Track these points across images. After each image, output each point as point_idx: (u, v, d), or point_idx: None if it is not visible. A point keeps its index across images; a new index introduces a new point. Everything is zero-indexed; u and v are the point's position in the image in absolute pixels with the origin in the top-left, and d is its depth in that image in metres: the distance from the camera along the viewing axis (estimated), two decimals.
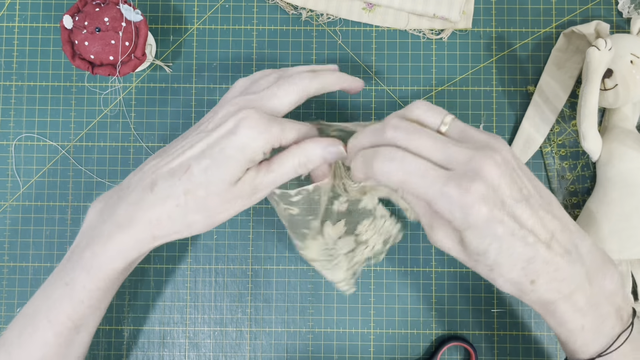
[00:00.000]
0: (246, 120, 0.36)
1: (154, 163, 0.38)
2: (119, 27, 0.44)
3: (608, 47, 0.43)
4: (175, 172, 0.36)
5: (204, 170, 0.36)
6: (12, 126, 0.50)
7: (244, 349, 0.49)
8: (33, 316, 0.38)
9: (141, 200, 0.36)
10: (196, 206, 0.36)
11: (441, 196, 0.32)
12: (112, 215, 0.37)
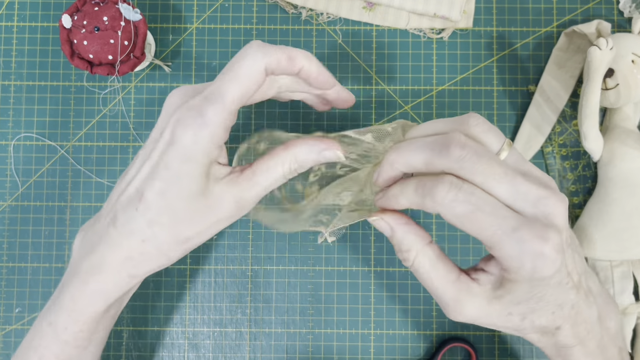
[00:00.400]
0: (179, 120, 0.31)
1: (116, 188, 0.34)
2: (118, 27, 0.44)
3: (609, 47, 0.43)
4: (131, 200, 0.32)
5: (158, 194, 0.31)
6: (11, 126, 0.50)
7: (243, 350, 0.48)
8: (27, 349, 0.36)
9: (107, 237, 0.33)
10: (167, 235, 0.32)
11: (510, 240, 0.28)
12: (88, 254, 0.34)
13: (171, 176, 0.31)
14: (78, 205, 0.49)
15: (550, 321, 0.31)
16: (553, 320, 0.31)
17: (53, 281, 0.49)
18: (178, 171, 0.31)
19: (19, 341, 0.48)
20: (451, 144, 0.29)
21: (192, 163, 0.31)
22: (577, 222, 0.47)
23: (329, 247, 0.49)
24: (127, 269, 0.33)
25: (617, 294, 0.46)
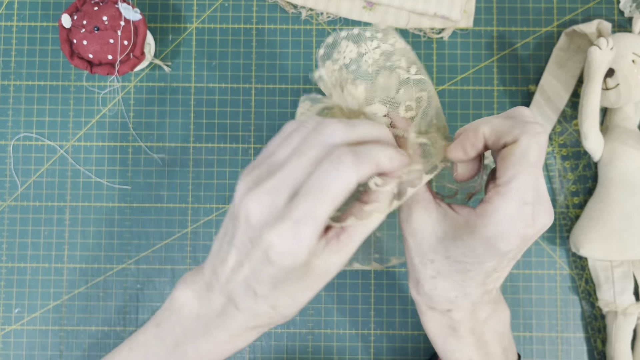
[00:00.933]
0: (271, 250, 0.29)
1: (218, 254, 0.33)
2: (118, 26, 0.44)
3: (610, 47, 0.43)
4: (247, 292, 0.32)
5: (271, 288, 0.31)
6: (11, 126, 0.50)
7: (243, 350, 0.48)
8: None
9: (229, 316, 0.33)
10: (290, 308, 0.33)
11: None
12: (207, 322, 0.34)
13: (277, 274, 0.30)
14: (77, 205, 0.49)
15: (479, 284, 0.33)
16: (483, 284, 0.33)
17: (52, 281, 0.49)
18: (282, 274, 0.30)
19: (18, 341, 0.48)
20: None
21: (294, 271, 0.30)
22: (577, 222, 0.47)
23: None
24: (257, 331, 0.34)
25: (618, 294, 0.46)
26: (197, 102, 0.50)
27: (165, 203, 0.49)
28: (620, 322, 0.46)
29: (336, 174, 0.28)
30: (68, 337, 0.49)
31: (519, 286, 0.48)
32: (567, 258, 0.49)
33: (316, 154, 0.29)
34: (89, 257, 0.49)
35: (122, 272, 0.49)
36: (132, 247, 0.49)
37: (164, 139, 0.50)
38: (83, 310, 0.49)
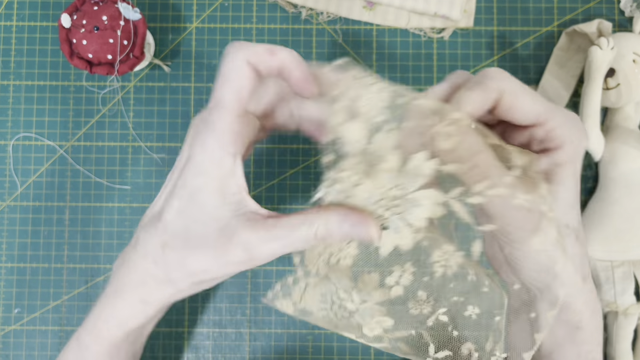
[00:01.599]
0: (192, 134, 0.30)
1: (146, 211, 0.34)
2: (118, 26, 0.44)
3: (610, 46, 0.42)
4: (151, 221, 0.32)
5: (177, 213, 0.30)
6: (10, 126, 0.50)
7: (243, 351, 0.48)
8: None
9: (128, 259, 0.33)
10: (176, 260, 0.30)
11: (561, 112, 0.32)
12: (112, 277, 0.34)
13: (187, 194, 0.30)
14: (77, 206, 0.49)
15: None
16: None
17: (52, 281, 0.49)
18: (192, 187, 0.30)
19: (18, 341, 0.48)
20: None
21: (203, 176, 0.30)
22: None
23: None
24: (140, 294, 0.32)
25: (618, 294, 0.46)
26: (197, 102, 0.50)
27: None
28: (621, 322, 0.46)
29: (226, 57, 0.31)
30: (68, 337, 0.48)
31: None
32: None
33: None
34: (89, 257, 0.49)
35: None
36: None
37: (164, 139, 0.49)
38: (83, 310, 0.49)
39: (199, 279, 0.31)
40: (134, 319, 0.34)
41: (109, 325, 0.34)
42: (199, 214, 0.30)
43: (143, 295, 0.32)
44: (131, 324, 0.34)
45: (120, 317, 0.34)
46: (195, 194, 0.30)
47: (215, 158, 0.29)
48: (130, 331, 0.34)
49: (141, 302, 0.33)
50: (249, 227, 0.29)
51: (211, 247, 0.29)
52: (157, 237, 0.31)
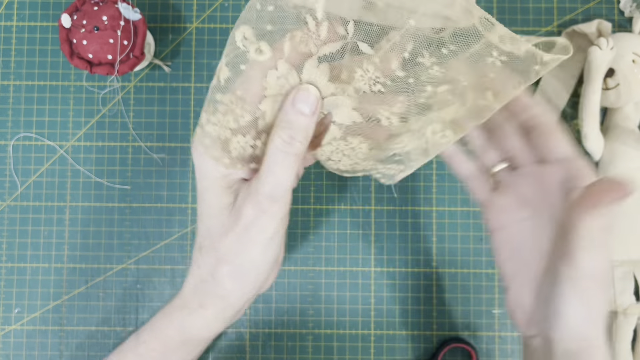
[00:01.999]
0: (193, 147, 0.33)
1: None
2: (118, 26, 0.44)
3: (610, 47, 0.43)
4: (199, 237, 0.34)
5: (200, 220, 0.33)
6: (10, 126, 0.50)
7: (243, 350, 0.48)
8: (117, 353, 0.38)
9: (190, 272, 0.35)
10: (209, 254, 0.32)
11: None
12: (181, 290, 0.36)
13: (200, 198, 0.33)
14: (77, 205, 0.49)
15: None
16: None
17: (52, 281, 0.49)
18: (201, 191, 0.33)
19: (18, 341, 0.48)
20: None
21: (206, 179, 0.32)
22: None
23: (329, 247, 0.49)
24: (198, 297, 0.34)
25: (618, 294, 0.46)
26: (197, 103, 0.50)
27: (165, 203, 0.49)
28: (621, 322, 0.46)
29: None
30: (68, 337, 0.49)
31: None
32: None
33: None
34: (89, 257, 0.49)
35: (121, 272, 0.49)
36: (131, 247, 0.49)
37: (164, 139, 0.49)
38: (83, 310, 0.49)
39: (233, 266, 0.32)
40: (193, 326, 0.34)
41: (170, 329, 0.35)
42: (211, 209, 0.32)
43: (200, 300, 0.34)
44: (192, 330, 0.35)
45: (183, 322, 0.35)
46: (203, 195, 0.32)
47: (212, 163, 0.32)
48: (189, 337, 0.35)
49: (201, 307, 0.34)
50: (245, 188, 0.32)
51: (229, 225, 0.31)
52: (196, 245, 0.34)
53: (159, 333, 0.35)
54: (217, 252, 0.32)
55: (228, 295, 0.33)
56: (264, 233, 0.31)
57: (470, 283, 0.49)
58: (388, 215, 0.49)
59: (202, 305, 0.34)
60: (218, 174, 0.32)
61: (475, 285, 0.49)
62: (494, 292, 0.48)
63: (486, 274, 0.49)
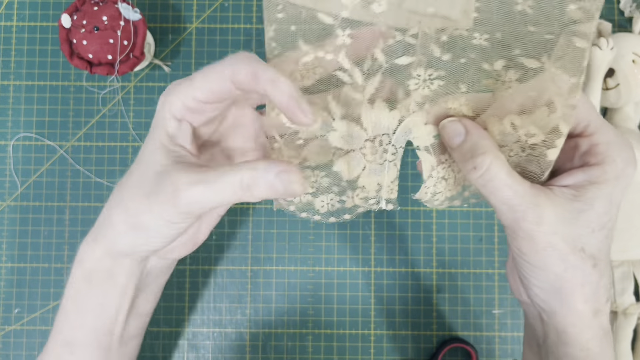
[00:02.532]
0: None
1: None
2: (118, 26, 0.44)
3: (610, 47, 0.43)
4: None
5: (137, 159, 0.33)
6: (10, 126, 0.50)
7: (243, 351, 0.48)
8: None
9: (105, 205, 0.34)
10: (121, 209, 0.31)
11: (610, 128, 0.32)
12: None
13: (144, 144, 0.32)
14: (77, 205, 0.49)
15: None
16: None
17: (52, 281, 0.49)
18: (147, 139, 0.32)
19: (18, 341, 0.48)
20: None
21: (154, 129, 0.31)
22: None
23: (329, 247, 0.49)
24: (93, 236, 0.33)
25: (618, 294, 0.46)
26: None
27: None
28: (621, 322, 0.46)
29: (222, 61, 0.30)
30: None
31: None
32: None
33: None
34: None
35: None
36: None
37: None
38: None
39: (134, 220, 0.31)
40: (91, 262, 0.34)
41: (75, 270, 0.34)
42: (144, 158, 0.31)
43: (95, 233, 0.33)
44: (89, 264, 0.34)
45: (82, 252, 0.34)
46: (146, 145, 0.32)
47: (162, 115, 0.31)
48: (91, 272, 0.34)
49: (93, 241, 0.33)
50: (181, 169, 0.30)
51: (146, 185, 0.30)
52: (121, 181, 0.32)
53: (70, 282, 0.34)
54: (124, 195, 0.31)
55: (118, 235, 0.32)
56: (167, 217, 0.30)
57: (470, 283, 0.49)
58: (388, 215, 0.49)
59: (95, 240, 0.33)
60: (165, 130, 0.31)
61: (475, 285, 0.49)
62: (494, 292, 0.48)
63: (486, 274, 0.49)
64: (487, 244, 0.49)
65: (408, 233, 0.49)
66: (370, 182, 0.33)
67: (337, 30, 0.30)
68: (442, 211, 0.49)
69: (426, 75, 0.30)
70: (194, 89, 0.30)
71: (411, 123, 0.31)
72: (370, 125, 0.32)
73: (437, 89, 0.31)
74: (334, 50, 0.30)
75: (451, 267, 0.49)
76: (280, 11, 0.29)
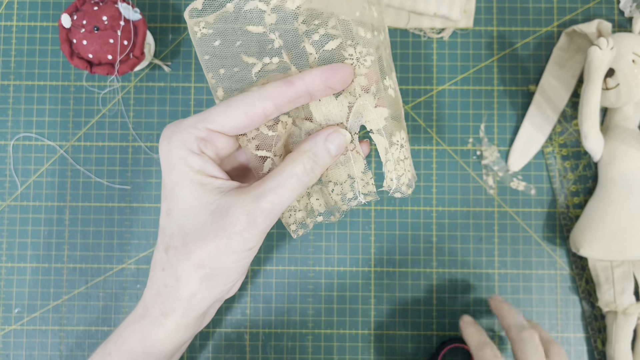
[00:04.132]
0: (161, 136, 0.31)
1: None
2: (118, 26, 0.44)
3: (610, 46, 0.42)
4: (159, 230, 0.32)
5: (167, 215, 0.31)
6: (10, 126, 0.50)
7: (243, 351, 0.48)
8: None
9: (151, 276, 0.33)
10: (180, 257, 0.30)
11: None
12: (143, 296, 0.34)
13: (168, 194, 0.30)
14: (77, 206, 0.49)
15: None
16: None
17: (52, 281, 0.49)
18: (170, 186, 0.30)
19: (18, 341, 0.48)
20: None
21: (174, 172, 0.30)
22: (577, 223, 0.47)
23: (329, 247, 0.49)
24: (159, 306, 0.32)
25: (618, 294, 0.46)
26: (197, 103, 0.50)
27: None
28: (621, 322, 0.46)
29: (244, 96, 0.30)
30: (68, 337, 0.49)
31: (519, 286, 0.48)
32: (567, 258, 0.49)
33: None
34: (89, 257, 0.49)
35: (122, 272, 0.49)
36: (132, 247, 0.49)
37: None
38: (83, 310, 0.49)
39: (206, 271, 0.30)
40: (154, 337, 0.33)
41: (133, 340, 0.33)
42: (186, 207, 0.30)
43: (162, 307, 0.32)
44: (153, 341, 0.33)
45: (145, 332, 0.33)
46: (174, 191, 0.30)
47: (180, 155, 0.30)
48: (151, 350, 0.33)
49: (162, 315, 0.32)
50: (239, 194, 0.29)
51: (211, 229, 0.29)
52: (160, 245, 0.31)
53: (122, 345, 0.34)
54: (190, 254, 0.30)
55: (191, 297, 0.31)
56: (247, 245, 0.29)
57: (470, 283, 0.49)
58: (388, 215, 0.49)
59: (163, 313, 0.32)
60: (190, 167, 0.30)
61: (476, 285, 0.49)
62: (494, 292, 0.49)
63: (486, 274, 0.49)
64: (487, 244, 0.49)
65: (408, 233, 0.49)
66: (338, 175, 0.33)
67: (270, 35, 0.31)
68: (442, 211, 0.49)
69: (357, 53, 0.31)
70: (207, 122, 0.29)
71: (361, 108, 0.32)
72: (323, 118, 0.32)
73: (371, 65, 0.32)
74: (276, 54, 0.31)
75: (451, 267, 0.49)
76: (214, 40, 0.31)
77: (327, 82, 0.30)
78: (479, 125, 0.49)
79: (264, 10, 0.30)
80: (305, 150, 0.30)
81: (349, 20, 0.31)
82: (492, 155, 0.49)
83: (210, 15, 0.30)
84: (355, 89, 0.32)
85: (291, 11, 0.30)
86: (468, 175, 0.49)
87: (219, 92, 0.32)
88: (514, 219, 0.49)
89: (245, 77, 0.31)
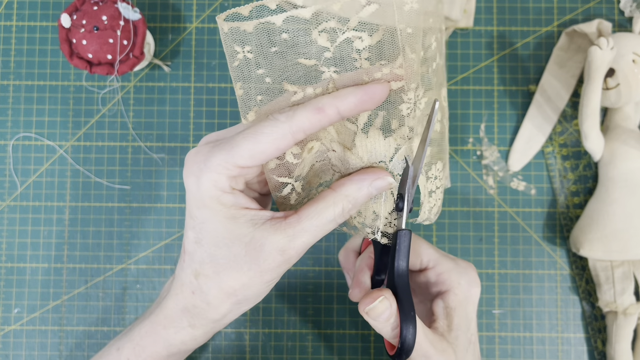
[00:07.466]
0: (185, 167, 0.30)
1: None
2: (117, 26, 0.44)
3: (610, 46, 0.42)
4: (181, 254, 0.33)
5: (195, 243, 0.31)
6: (10, 126, 0.50)
7: (243, 351, 0.48)
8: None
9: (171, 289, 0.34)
10: (212, 285, 0.31)
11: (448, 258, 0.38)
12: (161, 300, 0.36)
13: (198, 224, 0.31)
14: (77, 205, 0.49)
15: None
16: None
17: (52, 281, 0.49)
18: (201, 220, 0.30)
19: (18, 341, 0.48)
20: None
21: (205, 209, 0.30)
22: (577, 222, 0.47)
23: (329, 247, 0.49)
24: (188, 318, 0.33)
25: (618, 294, 0.46)
26: (197, 102, 0.50)
27: (165, 203, 0.49)
28: (621, 322, 0.46)
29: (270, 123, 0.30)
30: (68, 337, 0.49)
31: (520, 286, 0.48)
32: (567, 258, 0.49)
33: None
34: (89, 257, 0.49)
35: (121, 272, 0.49)
36: (132, 247, 0.49)
37: (164, 139, 0.49)
38: (83, 310, 0.49)
39: (239, 297, 0.31)
40: (179, 341, 0.34)
41: (155, 343, 0.35)
42: (218, 239, 0.30)
43: (191, 320, 0.33)
44: (176, 344, 0.34)
45: (170, 340, 0.34)
46: (205, 224, 0.31)
47: (211, 194, 0.30)
48: (176, 351, 0.35)
49: (190, 327, 0.33)
50: (274, 232, 0.30)
51: (245, 263, 0.30)
52: (188, 269, 0.32)
53: (143, 351, 0.35)
54: (222, 284, 0.31)
55: (222, 318, 0.33)
56: (278, 275, 0.31)
57: None
58: None
59: (192, 325, 0.33)
60: (223, 205, 0.30)
61: None
62: (494, 292, 0.48)
63: (486, 274, 0.49)
64: (487, 244, 0.49)
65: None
66: (366, 208, 0.33)
67: (321, 68, 0.29)
68: (442, 211, 0.49)
69: (415, 97, 0.30)
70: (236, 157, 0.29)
71: (408, 150, 0.31)
72: (366, 154, 0.31)
73: (424, 107, 0.31)
74: (322, 86, 0.30)
75: None
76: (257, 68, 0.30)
77: (363, 107, 0.29)
78: (479, 125, 0.49)
79: (327, 47, 0.29)
80: (347, 194, 0.30)
81: (414, 57, 0.29)
82: (492, 155, 0.49)
83: (248, 22, 0.28)
84: (406, 132, 0.31)
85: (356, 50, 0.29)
86: (468, 175, 0.49)
87: (250, 116, 0.31)
88: (514, 219, 0.49)
89: (281, 102, 0.30)
